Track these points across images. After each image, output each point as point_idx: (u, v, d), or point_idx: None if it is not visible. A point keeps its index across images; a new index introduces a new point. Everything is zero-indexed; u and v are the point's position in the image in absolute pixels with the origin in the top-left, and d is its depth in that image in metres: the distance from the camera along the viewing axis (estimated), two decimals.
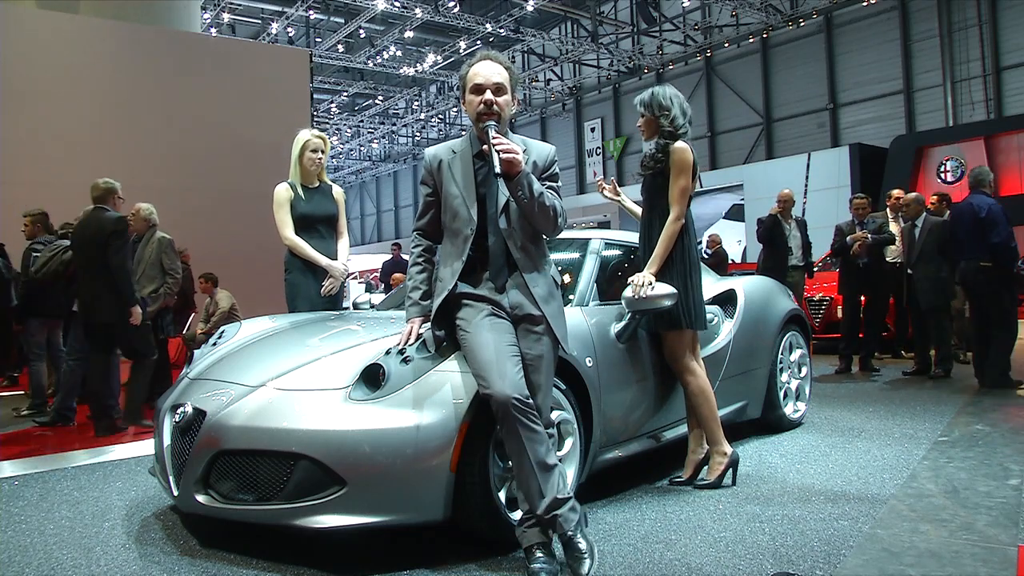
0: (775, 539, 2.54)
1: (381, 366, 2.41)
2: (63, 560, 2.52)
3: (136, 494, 3.36)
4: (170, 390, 2.96)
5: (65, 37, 9.55)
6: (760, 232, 7.22)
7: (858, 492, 3.07)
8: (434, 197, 2.55)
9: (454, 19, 20.15)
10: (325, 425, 2.33)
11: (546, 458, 2.22)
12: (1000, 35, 17.07)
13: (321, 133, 4.00)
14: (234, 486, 2.41)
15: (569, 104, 27.25)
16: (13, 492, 3.47)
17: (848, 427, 4.38)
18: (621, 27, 22.87)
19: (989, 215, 5.43)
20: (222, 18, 19.37)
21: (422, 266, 2.60)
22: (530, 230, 2.45)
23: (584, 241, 3.61)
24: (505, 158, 2.26)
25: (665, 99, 3.22)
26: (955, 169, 16.52)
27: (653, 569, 2.32)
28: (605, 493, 3.07)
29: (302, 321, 3.33)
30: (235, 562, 2.44)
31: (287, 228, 3.85)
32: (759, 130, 21.56)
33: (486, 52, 2.50)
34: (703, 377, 3.20)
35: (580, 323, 2.98)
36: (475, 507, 2.38)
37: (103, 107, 9.72)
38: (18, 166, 8.71)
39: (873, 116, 19.22)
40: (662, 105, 3.22)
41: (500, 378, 2.19)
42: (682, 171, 3.13)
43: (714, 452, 3.21)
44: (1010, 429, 4.18)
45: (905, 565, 2.27)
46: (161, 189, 8.52)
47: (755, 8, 19.68)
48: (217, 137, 10.39)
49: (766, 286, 4.54)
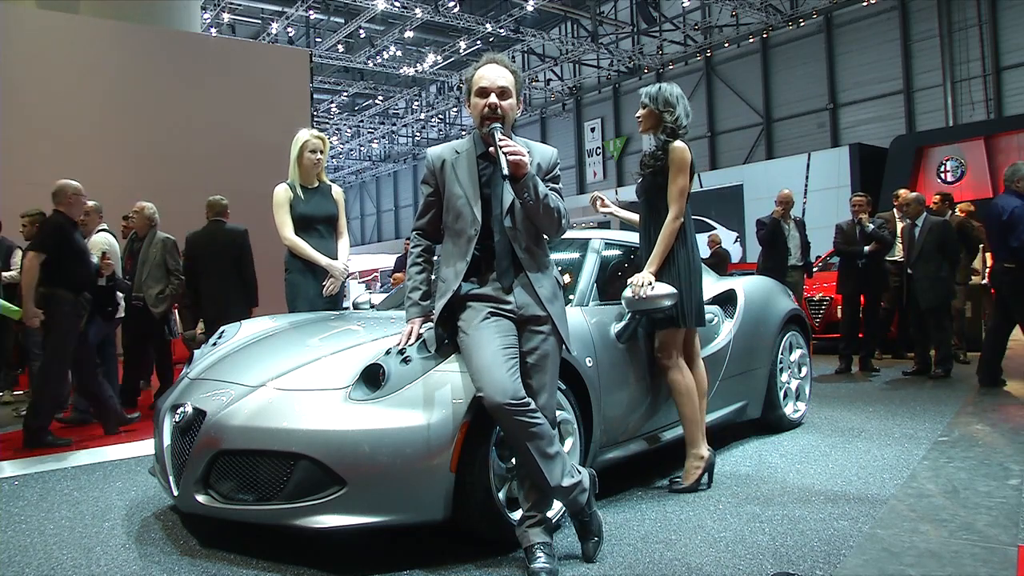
0: (775, 539, 2.54)
1: (381, 366, 2.42)
2: (63, 560, 2.52)
3: (136, 494, 3.36)
4: (170, 390, 2.97)
5: (65, 37, 9.55)
6: (762, 234, 7.21)
7: (858, 492, 3.07)
8: (435, 197, 2.55)
9: (454, 19, 20.15)
10: (325, 425, 2.33)
11: (548, 449, 2.24)
12: (1000, 35, 17.07)
13: (320, 133, 4.00)
14: (234, 486, 2.41)
15: (569, 104, 27.25)
16: (13, 492, 3.47)
17: (848, 427, 4.38)
18: (621, 27, 22.86)
19: (1011, 217, 5.41)
20: (222, 18, 19.36)
21: (421, 266, 2.60)
22: (534, 231, 2.46)
23: (584, 241, 3.61)
24: (512, 160, 2.26)
25: (672, 97, 3.23)
26: (955, 169, 16.51)
27: (653, 569, 2.32)
28: (605, 493, 3.07)
29: (302, 321, 3.33)
30: (235, 562, 2.44)
31: (287, 228, 3.84)
32: (759, 130, 21.56)
33: (491, 55, 2.50)
34: (690, 378, 3.19)
35: (580, 323, 2.98)
36: (475, 507, 2.38)
37: (103, 107, 9.72)
38: (18, 166, 8.71)
39: (873, 116, 19.22)
40: (668, 101, 3.22)
41: (492, 383, 2.20)
42: (681, 170, 3.13)
43: (691, 455, 3.18)
44: (1010, 429, 4.18)
45: (905, 565, 2.28)
46: (161, 189, 8.51)
47: (755, 8, 19.68)
48: (217, 137, 10.39)
49: (766, 286, 4.54)
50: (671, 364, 3.18)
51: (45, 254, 4.60)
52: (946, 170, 16.58)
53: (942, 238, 6.32)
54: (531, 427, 2.21)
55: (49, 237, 4.66)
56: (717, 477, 3.32)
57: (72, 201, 4.77)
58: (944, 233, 6.33)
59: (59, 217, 4.74)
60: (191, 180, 9.91)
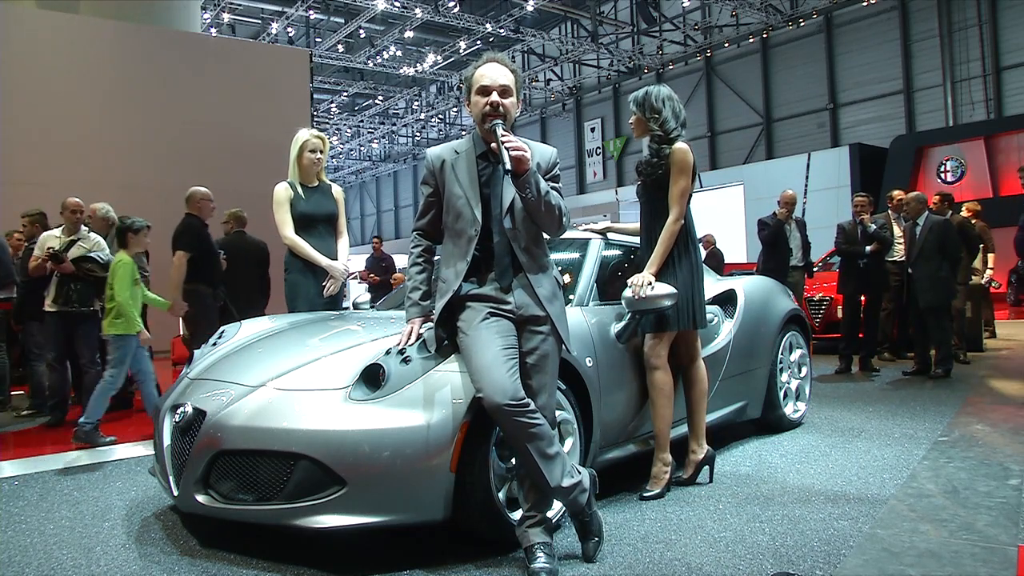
0: (775, 539, 2.54)
1: (381, 366, 2.42)
2: (63, 560, 2.52)
3: (136, 494, 3.36)
4: (170, 390, 2.96)
5: (65, 37, 9.55)
6: (764, 234, 7.20)
7: (858, 492, 3.07)
8: (435, 197, 2.55)
9: (454, 19, 20.16)
10: (325, 425, 2.33)
11: (547, 449, 2.24)
12: (1000, 35, 17.08)
13: (320, 133, 3.99)
14: (234, 486, 2.41)
15: (569, 104, 27.26)
16: (13, 492, 3.47)
17: (848, 427, 4.38)
18: (621, 27, 22.87)
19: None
20: (222, 18, 19.37)
21: (422, 266, 2.60)
22: (534, 231, 2.46)
23: (584, 241, 3.61)
24: (515, 155, 2.26)
25: (658, 101, 3.20)
26: (955, 169, 16.52)
27: (653, 569, 2.32)
28: (605, 493, 3.06)
29: (302, 321, 3.33)
30: (235, 562, 2.44)
31: (287, 227, 3.84)
32: (759, 130, 21.56)
33: (491, 55, 2.51)
34: (671, 382, 3.18)
35: (580, 323, 2.98)
36: (475, 507, 2.38)
37: (103, 107, 9.72)
38: (18, 166, 8.71)
39: (873, 116, 19.23)
40: (653, 107, 3.19)
41: (491, 384, 2.20)
42: (682, 172, 3.12)
43: (658, 459, 3.15)
44: (1010, 429, 4.18)
45: (905, 565, 2.28)
46: (161, 189, 8.52)
47: (755, 8, 19.68)
48: (217, 137, 10.39)
49: (766, 286, 4.54)
50: (659, 365, 3.16)
51: (191, 253, 5.14)
52: (946, 170, 16.59)
53: (943, 238, 6.31)
54: (531, 428, 2.21)
55: (192, 238, 5.20)
56: (717, 477, 3.33)
57: (201, 205, 5.34)
58: (945, 233, 6.33)
59: (193, 220, 5.30)
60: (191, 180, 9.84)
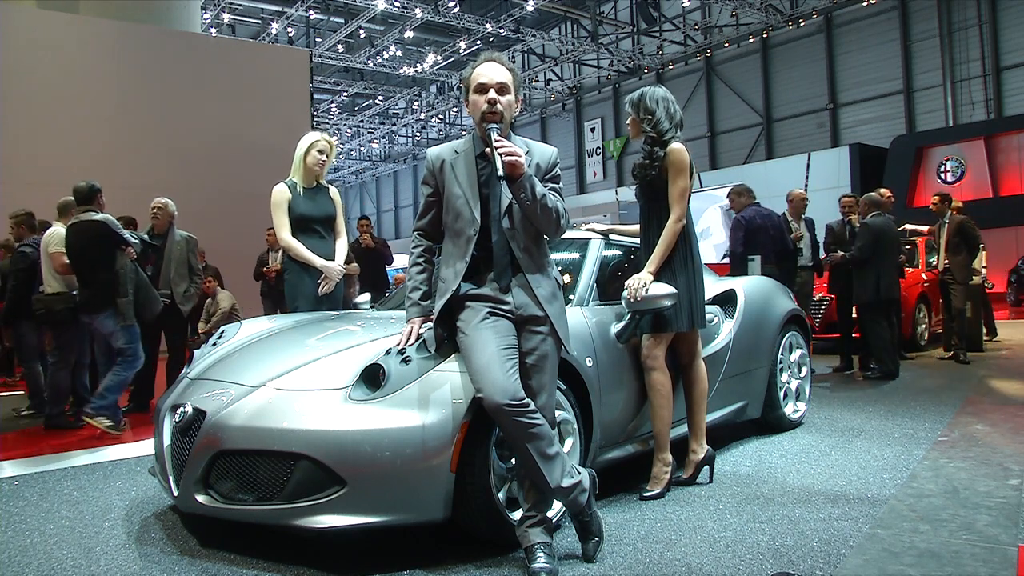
0: (775, 539, 2.54)
1: (381, 366, 2.41)
2: (63, 560, 2.52)
3: (136, 494, 3.36)
4: (170, 390, 2.96)
5: (65, 37, 9.55)
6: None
7: (858, 492, 3.07)
8: (435, 197, 2.55)
9: (454, 19, 20.17)
10: (325, 425, 2.33)
11: (547, 449, 2.24)
12: (1000, 35, 17.09)
13: (331, 139, 4.00)
14: (234, 486, 2.40)
15: (569, 104, 27.26)
16: (13, 492, 3.46)
17: (848, 427, 4.38)
18: (621, 27, 22.87)
19: None
20: (222, 18, 19.38)
21: (422, 266, 2.60)
22: (533, 231, 2.46)
23: (584, 241, 3.60)
24: (508, 161, 2.26)
25: (651, 102, 3.19)
26: (955, 169, 16.52)
27: (653, 569, 2.32)
28: (605, 493, 3.06)
29: (302, 321, 3.33)
30: (235, 562, 2.44)
31: (284, 230, 3.84)
32: (759, 130, 21.57)
33: (490, 53, 2.51)
34: (669, 384, 3.17)
35: (580, 323, 2.98)
36: (475, 507, 2.38)
37: (103, 107, 9.72)
38: (18, 166, 8.71)
39: (873, 116, 19.24)
40: (647, 108, 3.19)
41: (491, 384, 2.20)
42: (680, 172, 3.12)
43: (658, 460, 3.15)
44: (1010, 429, 4.18)
45: (905, 565, 2.28)
46: (161, 189, 8.49)
47: (755, 8, 19.69)
48: (217, 137, 10.40)
49: (766, 286, 4.54)
50: (656, 366, 3.16)
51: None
52: (946, 170, 16.59)
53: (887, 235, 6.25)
54: (530, 428, 2.21)
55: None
56: (717, 477, 3.33)
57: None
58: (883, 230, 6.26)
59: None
60: (191, 179, 9.93)
